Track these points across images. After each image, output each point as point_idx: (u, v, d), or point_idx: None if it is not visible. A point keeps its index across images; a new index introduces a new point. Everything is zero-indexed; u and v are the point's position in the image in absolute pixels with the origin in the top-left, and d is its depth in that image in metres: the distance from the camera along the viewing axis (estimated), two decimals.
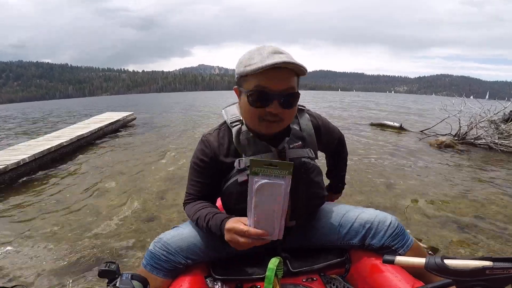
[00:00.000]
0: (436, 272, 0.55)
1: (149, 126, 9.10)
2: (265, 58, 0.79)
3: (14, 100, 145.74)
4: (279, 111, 0.83)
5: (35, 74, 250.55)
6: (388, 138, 6.78)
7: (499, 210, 2.83)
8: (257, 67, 0.78)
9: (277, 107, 0.82)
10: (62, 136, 5.95)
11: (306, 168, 0.93)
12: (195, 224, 0.96)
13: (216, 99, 29.49)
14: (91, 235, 2.46)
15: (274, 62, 0.76)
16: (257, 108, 0.83)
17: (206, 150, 0.95)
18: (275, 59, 0.78)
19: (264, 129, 0.87)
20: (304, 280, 0.94)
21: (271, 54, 0.80)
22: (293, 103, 0.86)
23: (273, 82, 0.80)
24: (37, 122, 12.43)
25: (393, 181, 3.72)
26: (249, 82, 0.83)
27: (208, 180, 0.97)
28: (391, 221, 0.95)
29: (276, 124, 0.86)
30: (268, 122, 0.85)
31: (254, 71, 0.78)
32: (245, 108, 0.86)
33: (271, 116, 0.83)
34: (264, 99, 0.82)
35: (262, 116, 0.84)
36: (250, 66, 0.80)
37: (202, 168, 0.96)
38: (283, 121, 0.86)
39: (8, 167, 3.92)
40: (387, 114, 12.35)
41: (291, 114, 0.88)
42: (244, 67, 0.82)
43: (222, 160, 0.94)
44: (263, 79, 0.80)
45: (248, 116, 0.88)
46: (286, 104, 0.83)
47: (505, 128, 5.88)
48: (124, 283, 0.63)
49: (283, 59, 0.77)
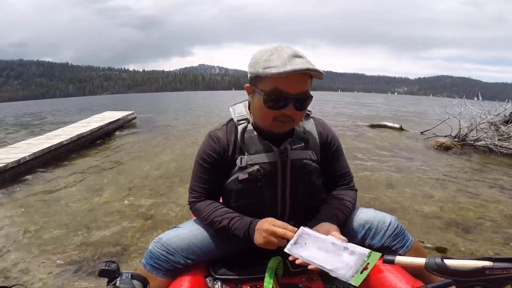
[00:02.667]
0: (436, 272, 0.55)
1: (150, 125, 9.09)
2: (286, 62, 0.79)
3: (15, 98, 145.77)
4: (292, 113, 0.84)
5: (36, 72, 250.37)
6: (388, 139, 6.78)
7: (500, 211, 2.83)
8: (279, 72, 0.78)
9: (291, 109, 0.83)
10: (63, 135, 5.95)
11: (307, 169, 0.94)
12: (208, 224, 0.95)
13: (216, 100, 29.49)
14: (91, 234, 2.45)
15: (297, 69, 0.77)
16: (272, 110, 0.84)
17: (215, 146, 0.95)
18: (297, 64, 0.78)
19: (276, 128, 0.89)
20: (304, 280, 0.94)
21: (291, 58, 0.80)
22: (307, 105, 0.87)
23: (291, 86, 0.81)
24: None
25: (393, 182, 3.72)
26: (266, 83, 0.83)
27: (215, 176, 0.97)
28: (390, 221, 0.95)
29: (288, 124, 0.88)
30: (280, 122, 0.86)
31: (275, 75, 0.78)
32: (259, 107, 0.87)
33: (284, 117, 0.85)
34: (280, 102, 0.83)
35: (276, 116, 0.85)
36: (270, 69, 0.80)
37: (210, 164, 0.96)
38: (294, 121, 0.88)
39: (8, 165, 3.93)
40: (387, 115, 12.34)
41: (303, 115, 0.90)
42: (263, 69, 0.81)
43: (229, 157, 0.95)
44: (282, 82, 0.80)
45: (261, 116, 0.89)
46: (301, 107, 0.85)
47: (505, 130, 5.88)
48: (124, 283, 0.63)
49: (305, 66, 0.78)
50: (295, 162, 0.92)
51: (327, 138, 1.01)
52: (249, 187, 0.92)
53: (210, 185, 0.98)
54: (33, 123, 11.79)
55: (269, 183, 0.92)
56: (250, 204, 0.95)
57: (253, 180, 0.90)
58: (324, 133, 1.01)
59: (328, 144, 1.01)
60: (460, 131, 6.20)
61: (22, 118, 14.13)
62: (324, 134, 1.01)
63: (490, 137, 5.82)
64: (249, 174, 0.90)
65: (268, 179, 0.91)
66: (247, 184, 0.92)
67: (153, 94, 78.01)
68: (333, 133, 1.03)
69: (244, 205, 0.95)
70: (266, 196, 0.93)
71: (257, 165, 0.90)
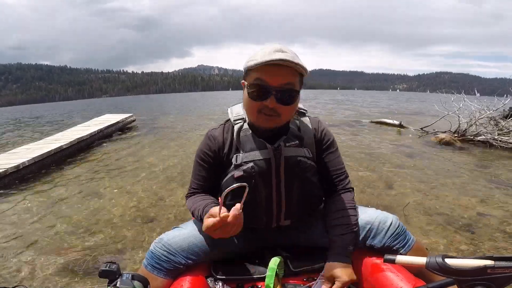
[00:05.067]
0: (437, 271, 0.55)
1: (149, 128, 9.09)
2: (266, 55, 0.82)
3: (13, 102, 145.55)
4: (275, 106, 0.85)
5: (34, 76, 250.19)
6: (388, 136, 6.78)
7: (501, 207, 2.83)
8: (257, 62, 0.82)
9: (273, 101, 0.85)
10: (62, 139, 5.94)
11: (301, 166, 0.93)
12: (192, 215, 0.99)
13: (216, 99, 29.50)
14: (92, 236, 2.45)
15: (272, 59, 0.80)
16: (255, 101, 0.87)
17: (211, 144, 0.98)
18: (275, 56, 0.81)
19: (261, 123, 0.90)
20: (305, 280, 0.94)
21: (273, 52, 0.83)
22: (290, 100, 0.87)
23: (271, 77, 0.84)
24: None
25: (393, 179, 3.71)
26: (251, 76, 0.87)
27: (211, 174, 1.00)
28: (392, 221, 0.95)
29: (274, 119, 0.88)
30: (265, 115, 0.87)
31: (254, 65, 0.83)
32: (246, 101, 0.91)
33: (268, 110, 0.86)
34: (261, 93, 0.85)
35: (260, 109, 0.87)
36: (252, 61, 0.85)
37: (206, 162, 0.99)
38: (281, 116, 0.88)
39: (8, 171, 3.92)
40: (387, 112, 12.34)
41: (289, 111, 0.90)
42: (247, 62, 0.87)
43: (225, 155, 0.97)
44: (263, 73, 0.84)
45: (248, 108, 0.92)
46: (283, 99, 0.86)
47: (505, 124, 5.89)
48: (124, 283, 0.63)
49: (281, 57, 0.81)
50: (289, 159, 0.92)
51: (321, 134, 1.01)
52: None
53: (206, 182, 1.02)
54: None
55: (264, 180, 0.92)
56: (245, 201, 0.95)
57: (248, 178, 0.91)
58: (319, 131, 1.01)
59: (321, 140, 1.01)
60: (460, 127, 6.21)
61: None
62: (319, 131, 1.01)
63: (489, 132, 5.82)
64: (244, 172, 0.91)
65: (263, 176, 0.91)
66: (242, 182, 0.92)
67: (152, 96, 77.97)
68: (328, 131, 1.04)
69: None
70: (261, 193, 0.93)
71: (252, 162, 0.91)
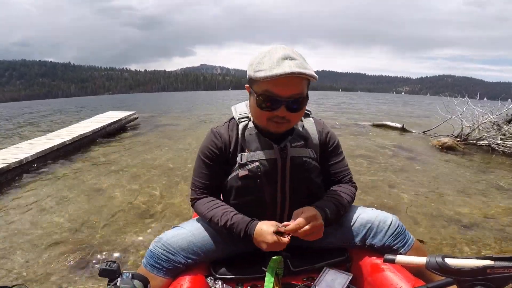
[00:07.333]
0: (437, 271, 0.55)
1: (151, 125, 9.11)
2: (274, 65, 0.78)
3: (17, 98, 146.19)
4: (286, 114, 0.84)
5: (38, 72, 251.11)
6: (390, 139, 6.76)
7: (502, 210, 2.82)
8: (265, 76, 0.78)
9: (284, 111, 0.83)
10: (65, 135, 5.97)
11: (306, 167, 0.94)
12: (207, 222, 0.96)
13: (216, 99, 29.51)
14: (93, 234, 2.46)
15: (282, 73, 0.76)
16: (265, 111, 0.85)
17: (217, 141, 0.96)
18: (284, 67, 0.77)
19: (272, 128, 0.89)
20: (305, 280, 0.94)
21: (281, 61, 0.79)
22: (301, 107, 0.87)
23: (281, 89, 0.81)
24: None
25: (395, 181, 3.71)
26: (259, 85, 0.84)
27: (216, 172, 0.98)
28: (392, 220, 0.95)
29: (284, 125, 0.88)
30: (275, 122, 0.86)
31: (262, 79, 0.79)
32: (254, 108, 0.89)
33: (278, 118, 0.85)
34: (272, 104, 0.83)
35: (270, 117, 0.86)
36: (259, 72, 0.80)
37: (211, 160, 0.97)
38: (290, 122, 0.88)
39: (11, 166, 3.94)
40: (388, 114, 12.31)
41: (299, 116, 0.90)
42: (254, 72, 0.82)
43: (230, 153, 0.96)
44: (272, 85, 0.81)
45: (257, 116, 0.90)
46: (294, 108, 0.85)
47: (508, 129, 5.85)
48: (124, 283, 0.63)
49: (292, 69, 0.77)
50: (295, 159, 0.92)
51: (326, 137, 1.01)
52: (249, 184, 0.93)
53: (211, 180, 0.99)
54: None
55: (269, 180, 0.92)
56: (250, 201, 0.95)
57: (253, 177, 0.91)
58: (323, 133, 1.01)
59: (327, 143, 1.01)
60: (462, 131, 6.18)
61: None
62: (323, 133, 1.01)
63: (492, 137, 5.79)
64: (249, 171, 0.91)
65: (268, 176, 0.91)
66: (247, 181, 0.92)
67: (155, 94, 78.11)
68: (332, 133, 1.04)
69: (244, 202, 0.96)
70: (266, 193, 0.94)
71: (257, 162, 0.90)
